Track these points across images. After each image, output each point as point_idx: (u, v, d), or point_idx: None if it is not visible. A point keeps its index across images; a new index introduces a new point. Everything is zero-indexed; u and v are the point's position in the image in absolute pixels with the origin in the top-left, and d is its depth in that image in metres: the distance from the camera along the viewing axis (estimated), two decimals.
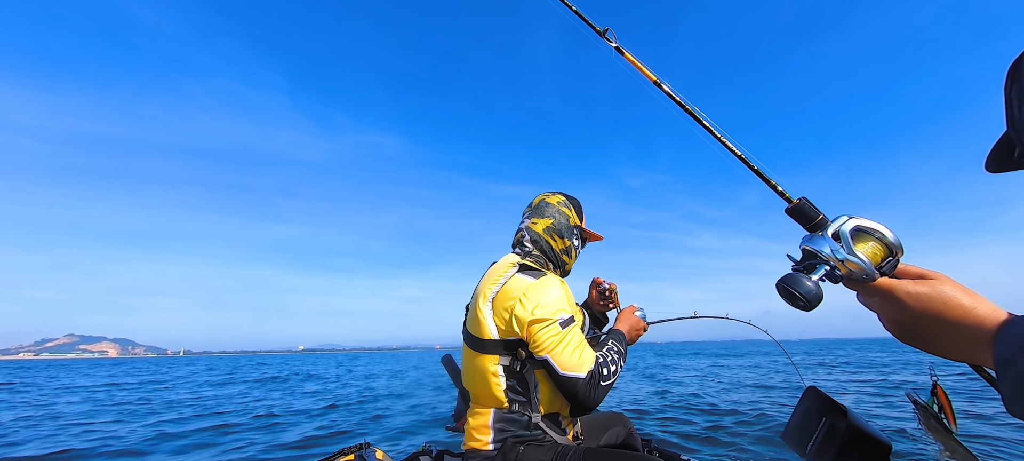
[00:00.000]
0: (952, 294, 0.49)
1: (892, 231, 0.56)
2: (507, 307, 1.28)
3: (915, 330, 0.53)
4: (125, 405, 9.82)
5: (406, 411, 7.48)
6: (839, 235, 0.57)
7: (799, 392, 1.30)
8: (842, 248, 0.56)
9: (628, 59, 0.93)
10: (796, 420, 1.23)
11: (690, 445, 4.02)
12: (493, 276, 1.39)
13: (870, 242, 0.56)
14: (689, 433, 4.45)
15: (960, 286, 0.50)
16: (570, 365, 1.22)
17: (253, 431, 6.07)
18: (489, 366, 1.32)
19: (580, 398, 1.22)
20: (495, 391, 1.31)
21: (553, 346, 1.23)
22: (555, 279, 1.36)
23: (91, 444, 5.29)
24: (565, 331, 1.25)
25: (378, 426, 6.27)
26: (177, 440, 5.53)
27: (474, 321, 1.36)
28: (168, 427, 6.50)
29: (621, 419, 1.76)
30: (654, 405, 6.32)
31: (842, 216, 0.59)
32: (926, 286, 0.51)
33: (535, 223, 1.55)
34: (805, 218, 0.63)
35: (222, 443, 5.34)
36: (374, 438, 5.32)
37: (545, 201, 1.60)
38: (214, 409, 8.64)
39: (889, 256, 0.56)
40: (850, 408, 1.07)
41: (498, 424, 1.32)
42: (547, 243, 1.52)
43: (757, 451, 3.63)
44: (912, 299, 0.51)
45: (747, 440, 3.99)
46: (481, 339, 1.33)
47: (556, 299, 1.28)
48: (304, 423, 6.63)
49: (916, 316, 0.51)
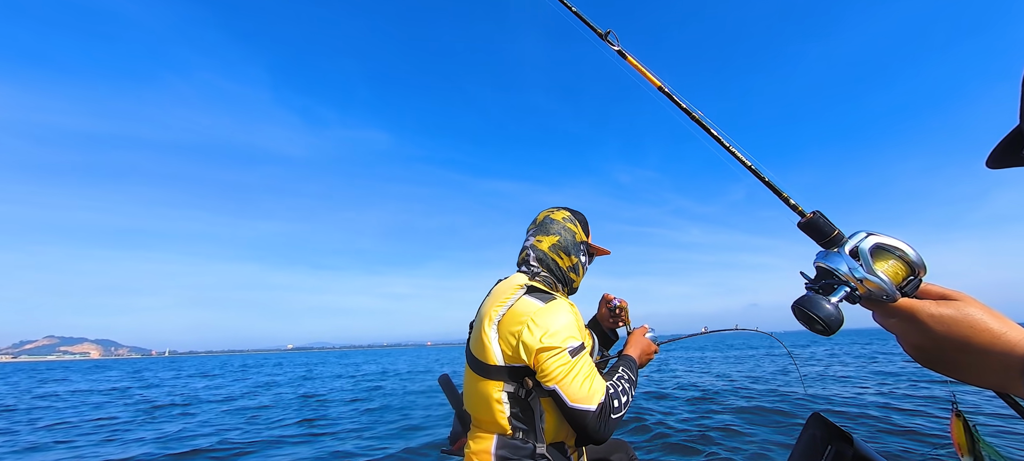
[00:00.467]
0: (979, 317, 0.45)
1: (914, 249, 0.52)
2: (514, 332, 1.22)
3: (939, 355, 0.48)
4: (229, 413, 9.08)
5: (401, 436, 7.31)
6: (858, 252, 0.52)
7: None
8: (861, 266, 0.51)
9: (631, 63, 0.88)
10: (800, 448, 1.21)
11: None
12: (499, 297, 1.31)
13: (890, 260, 0.52)
14: (689, 447, 4.42)
15: (987, 308, 0.46)
16: (580, 397, 1.15)
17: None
18: (493, 392, 1.26)
19: (590, 431, 1.16)
20: (498, 418, 1.25)
21: (562, 376, 1.17)
22: (564, 304, 1.29)
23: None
24: (575, 360, 1.19)
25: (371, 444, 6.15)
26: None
27: (478, 344, 1.29)
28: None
29: (623, 447, 1.72)
30: (654, 418, 6.30)
31: (860, 232, 0.54)
32: (951, 308, 0.47)
33: (540, 241, 1.47)
34: (820, 233, 0.58)
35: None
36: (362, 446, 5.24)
37: (550, 217, 1.52)
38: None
39: (911, 275, 0.52)
40: (855, 435, 1.06)
41: (500, 451, 1.26)
42: (553, 261, 1.45)
43: None
44: (936, 322, 0.47)
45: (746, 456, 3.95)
46: (486, 364, 1.26)
47: (565, 325, 1.22)
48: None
49: (940, 340, 0.47)
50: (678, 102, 0.78)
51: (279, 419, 8.04)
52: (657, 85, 0.82)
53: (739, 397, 7.74)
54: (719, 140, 0.76)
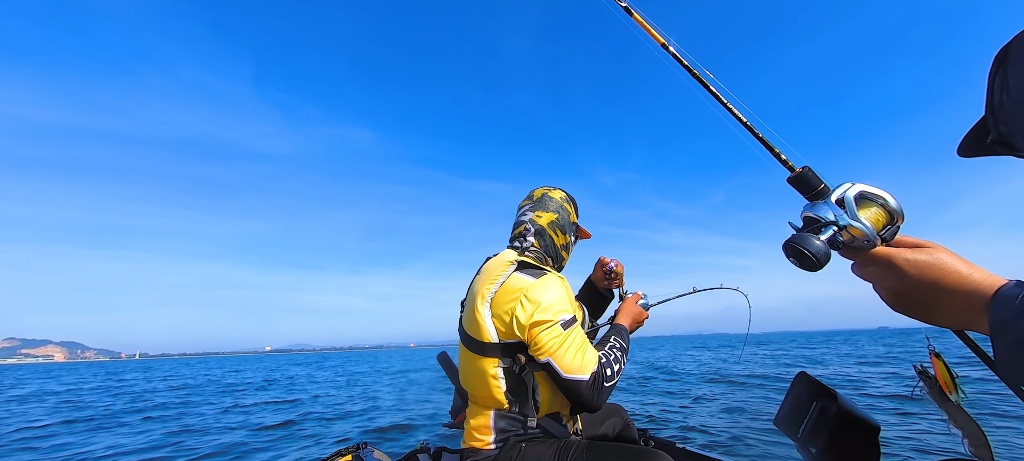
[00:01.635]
0: (949, 261, 0.50)
1: (895, 198, 0.57)
2: (507, 309, 1.24)
3: (911, 298, 0.53)
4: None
5: (401, 409, 7.28)
6: (843, 201, 0.57)
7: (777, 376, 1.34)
8: (846, 214, 0.56)
9: (636, 19, 0.91)
10: (788, 405, 1.25)
11: (686, 433, 4.06)
12: (490, 274, 1.34)
13: (873, 208, 0.57)
14: (686, 423, 4.53)
15: (955, 254, 0.51)
16: (573, 368, 1.19)
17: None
18: (488, 369, 1.29)
19: (584, 400, 1.20)
20: (495, 393, 1.29)
21: (555, 348, 1.20)
22: (555, 278, 1.33)
23: None
24: (567, 332, 1.22)
25: (372, 424, 6.09)
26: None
27: (472, 322, 1.32)
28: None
29: (618, 411, 1.76)
30: (647, 398, 6.42)
31: (845, 182, 0.59)
32: (924, 253, 0.52)
33: (539, 216, 1.51)
34: (808, 186, 0.63)
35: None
36: (371, 436, 5.20)
37: (548, 195, 1.56)
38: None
39: (890, 223, 0.57)
40: (839, 392, 1.10)
41: (499, 424, 1.30)
42: (551, 238, 1.50)
43: (751, 438, 3.70)
44: (911, 266, 0.52)
45: (741, 428, 4.07)
46: (480, 341, 1.29)
47: (557, 299, 1.25)
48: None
49: (914, 283, 0.52)
50: (677, 56, 0.83)
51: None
52: (660, 41, 0.86)
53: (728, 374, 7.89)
54: (717, 95, 0.82)
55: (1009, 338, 0.43)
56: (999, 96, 0.48)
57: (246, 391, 12.68)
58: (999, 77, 0.48)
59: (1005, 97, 0.48)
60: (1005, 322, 0.43)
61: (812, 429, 1.10)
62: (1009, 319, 0.43)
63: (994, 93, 0.49)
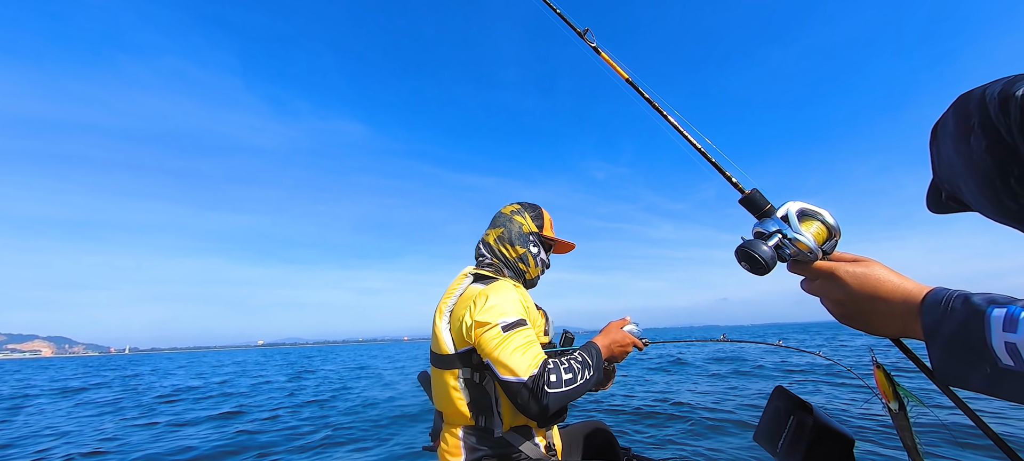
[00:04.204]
0: (883, 273, 0.56)
1: (833, 215, 0.63)
2: (459, 317, 1.28)
3: (853, 308, 0.58)
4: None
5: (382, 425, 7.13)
6: (787, 217, 0.64)
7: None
8: (790, 228, 0.62)
9: (604, 58, 0.98)
10: (766, 420, 1.26)
11: (668, 450, 4.04)
12: (450, 291, 1.40)
13: (814, 223, 0.63)
14: (667, 437, 4.60)
15: (889, 268, 0.57)
16: (509, 367, 1.14)
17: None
18: (450, 381, 1.30)
19: (521, 404, 1.13)
20: (459, 407, 1.29)
21: (492, 349, 1.17)
22: (506, 283, 1.34)
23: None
24: (507, 334, 1.19)
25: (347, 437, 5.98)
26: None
27: (434, 338, 1.36)
28: None
29: (600, 426, 1.70)
30: (629, 406, 6.49)
31: (789, 201, 0.66)
32: (861, 266, 0.58)
33: (488, 234, 1.57)
34: (756, 207, 0.69)
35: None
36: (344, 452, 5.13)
37: (500, 212, 1.60)
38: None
39: (830, 238, 0.63)
40: (815, 406, 1.12)
41: (468, 441, 1.30)
42: (500, 252, 1.52)
43: (731, 453, 3.75)
44: (850, 277, 0.57)
45: (722, 443, 4.09)
46: (441, 354, 1.32)
47: (502, 302, 1.24)
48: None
49: (853, 293, 0.57)
50: (638, 89, 0.87)
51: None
52: (625, 77, 0.93)
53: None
54: (675, 125, 0.86)
55: (940, 340, 0.46)
56: (936, 163, 0.57)
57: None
58: (933, 148, 0.56)
59: (939, 164, 0.57)
60: (936, 323, 0.47)
61: (790, 443, 1.12)
62: (939, 321, 0.46)
63: (933, 161, 0.57)
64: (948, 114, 0.57)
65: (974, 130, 0.55)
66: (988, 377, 0.43)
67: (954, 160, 0.58)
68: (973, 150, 0.55)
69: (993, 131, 0.54)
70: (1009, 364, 0.41)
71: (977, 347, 0.44)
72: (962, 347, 0.45)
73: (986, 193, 0.49)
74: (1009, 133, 0.53)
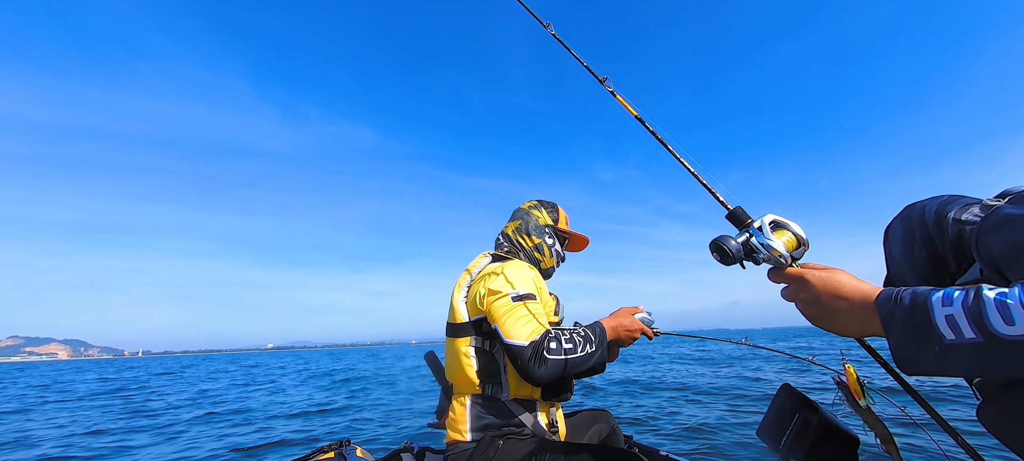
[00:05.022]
0: (846, 277, 0.64)
1: (802, 228, 0.72)
2: (475, 289, 1.42)
3: (820, 309, 0.66)
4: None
5: (386, 407, 7.36)
6: (762, 227, 0.73)
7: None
8: (763, 236, 0.72)
9: (620, 101, 1.10)
10: (770, 416, 1.29)
11: (671, 442, 4.07)
12: (469, 269, 1.56)
13: (786, 234, 0.72)
14: (670, 430, 4.60)
15: (852, 274, 0.65)
16: (514, 333, 1.24)
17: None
18: (461, 348, 1.42)
19: (520, 366, 1.22)
20: (468, 373, 1.39)
21: (500, 315, 1.28)
22: (521, 262, 1.48)
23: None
24: (516, 303, 1.30)
25: (356, 423, 6.18)
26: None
27: (451, 310, 1.50)
28: None
29: (605, 416, 1.74)
30: (635, 400, 6.50)
31: (765, 214, 0.75)
32: (827, 271, 0.66)
33: (507, 226, 1.72)
34: (738, 221, 0.79)
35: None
36: (353, 434, 5.27)
37: (518, 207, 1.75)
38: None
39: (799, 247, 0.72)
40: (820, 404, 1.13)
41: (475, 409, 1.39)
42: (517, 241, 1.66)
43: (734, 448, 3.77)
44: (816, 279, 0.65)
45: (724, 436, 4.09)
46: (455, 324, 1.46)
47: (516, 276, 1.37)
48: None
49: (819, 295, 0.65)
50: (643, 122, 0.96)
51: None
52: (635, 115, 1.05)
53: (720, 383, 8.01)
54: (672, 152, 0.94)
55: (895, 329, 0.53)
56: (888, 261, 0.74)
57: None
58: (885, 248, 0.73)
59: (891, 263, 0.73)
60: (889, 314, 0.54)
61: (793, 440, 1.14)
62: (891, 311, 0.54)
63: (886, 259, 0.73)
64: (896, 222, 0.73)
65: (916, 240, 0.71)
66: (937, 355, 0.49)
67: (902, 262, 0.74)
68: (915, 257, 0.71)
69: (930, 244, 0.69)
70: (952, 338, 0.47)
71: (924, 327, 0.50)
72: (912, 329, 0.51)
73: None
74: (942, 247, 0.67)
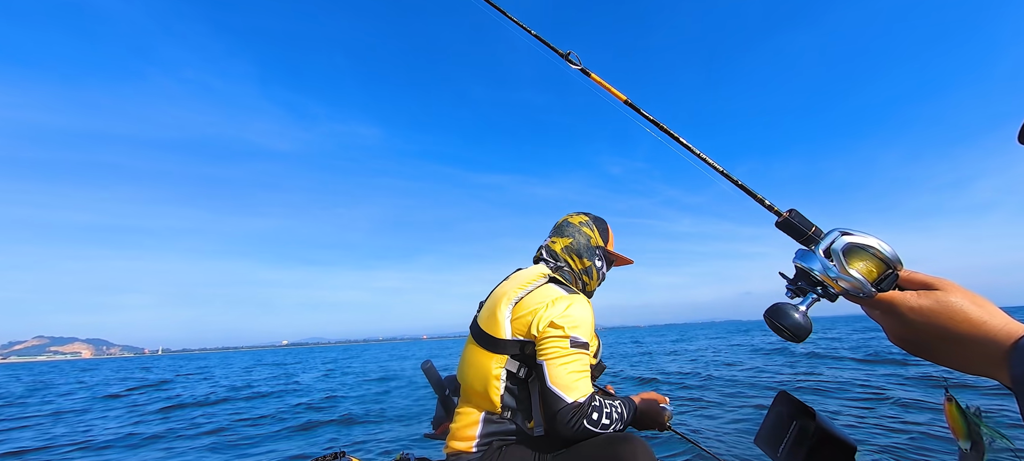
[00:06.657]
0: (958, 308, 0.44)
1: (889, 245, 0.51)
2: (530, 310, 1.27)
3: (921, 347, 0.49)
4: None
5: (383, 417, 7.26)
6: (831, 253, 0.52)
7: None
8: (834, 266, 0.51)
9: (595, 80, 0.88)
10: (768, 424, 1.26)
11: (667, 448, 3.97)
12: (520, 281, 1.37)
13: (865, 258, 0.51)
14: (666, 437, 4.47)
15: (969, 296, 0.45)
16: (561, 383, 1.17)
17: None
18: (491, 366, 1.29)
19: (557, 419, 1.16)
20: (491, 393, 1.27)
21: (553, 355, 1.20)
22: (586, 301, 1.34)
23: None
24: (573, 350, 1.21)
25: (350, 431, 6.05)
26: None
27: (490, 319, 1.34)
28: None
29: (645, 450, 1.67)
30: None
31: (835, 231, 0.53)
32: (930, 299, 0.46)
33: (554, 242, 1.53)
34: (797, 232, 0.58)
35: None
36: (347, 443, 5.17)
37: (567, 221, 1.57)
38: None
39: (886, 270, 0.51)
40: (818, 411, 1.11)
41: (487, 428, 1.29)
42: (566, 262, 1.49)
43: (731, 457, 3.72)
44: (915, 314, 0.46)
45: (721, 446, 4.02)
46: (493, 337, 1.30)
47: (581, 318, 1.26)
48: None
49: (920, 331, 0.47)
50: (643, 112, 0.72)
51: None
52: (623, 99, 0.82)
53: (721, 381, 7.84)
54: (690, 148, 0.72)
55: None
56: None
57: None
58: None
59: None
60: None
61: (791, 448, 1.11)
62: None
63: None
64: None
65: None
66: None
67: None
68: None
69: None
70: None
71: None
72: None
73: None
74: None
